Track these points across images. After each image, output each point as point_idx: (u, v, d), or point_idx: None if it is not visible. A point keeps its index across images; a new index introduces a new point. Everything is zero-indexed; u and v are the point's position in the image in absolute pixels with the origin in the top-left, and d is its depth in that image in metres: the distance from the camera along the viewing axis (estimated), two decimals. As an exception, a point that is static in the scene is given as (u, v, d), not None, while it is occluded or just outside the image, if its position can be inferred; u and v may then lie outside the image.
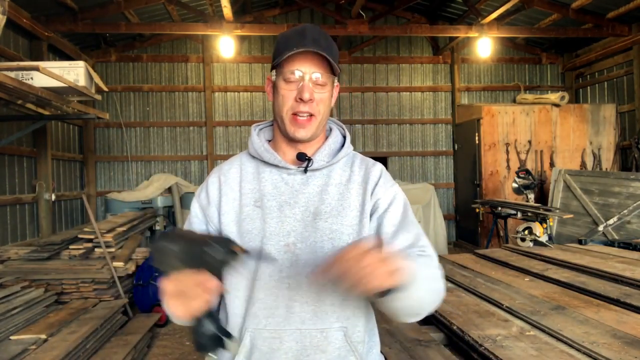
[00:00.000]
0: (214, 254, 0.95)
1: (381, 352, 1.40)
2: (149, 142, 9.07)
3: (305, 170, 1.24)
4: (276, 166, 1.25)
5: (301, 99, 1.18)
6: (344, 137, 1.37)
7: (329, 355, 1.17)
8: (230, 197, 1.24)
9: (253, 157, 1.30)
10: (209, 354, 1.03)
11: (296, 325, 1.16)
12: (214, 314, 1.01)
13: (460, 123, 9.37)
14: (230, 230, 1.20)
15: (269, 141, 1.33)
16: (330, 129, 1.36)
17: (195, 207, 1.29)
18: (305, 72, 1.18)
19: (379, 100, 9.66)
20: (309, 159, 1.24)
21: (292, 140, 1.24)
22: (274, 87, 1.24)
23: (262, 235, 1.18)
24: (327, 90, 1.22)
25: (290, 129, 1.21)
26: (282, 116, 1.22)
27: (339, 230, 1.20)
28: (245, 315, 1.18)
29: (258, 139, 1.30)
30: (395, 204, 1.27)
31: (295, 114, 1.20)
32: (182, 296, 0.94)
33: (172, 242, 0.96)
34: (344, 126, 1.41)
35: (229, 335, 1.02)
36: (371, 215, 1.24)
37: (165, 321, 5.13)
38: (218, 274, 0.96)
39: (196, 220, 1.27)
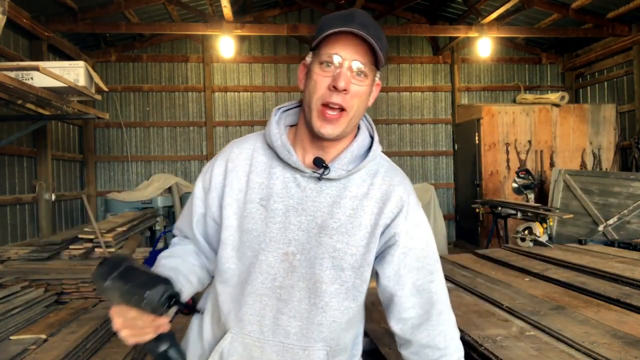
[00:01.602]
0: (150, 300, 0.92)
1: (381, 352, 1.37)
2: (149, 142, 9.07)
3: (320, 179, 1.10)
4: (288, 165, 1.11)
5: (335, 87, 1.03)
6: (372, 139, 1.18)
7: None
8: (235, 188, 1.13)
9: (267, 145, 1.16)
10: None
11: (280, 338, 1.09)
12: (170, 339, 0.99)
13: (460, 123, 9.37)
14: (230, 224, 1.12)
15: (291, 126, 1.18)
16: (358, 128, 1.18)
17: (199, 187, 1.21)
18: (345, 57, 1.03)
19: (379, 100, 9.66)
20: (326, 167, 1.09)
21: (316, 136, 1.09)
22: (308, 71, 1.09)
23: (261, 240, 1.09)
24: (366, 83, 1.07)
25: (316, 123, 1.06)
26: (311, 105, 1.06)
27: (343, 250, 1.09)
28: (229, 315, 1.11)
29: (277, 128, 1.14)
30: (416, 241, 1.15)
31: (325, 105, 1.04)
32: (129, 328, 0.93)
33: (109, 279, 0.93)
34: (374, 126, 1.21)
35: (183, 356, 1.00)
36: (385, 248, 1.14)
37: (165, 321, 5.12)
38: (159, 314, 0.94)
39: (198, 203, 1.20)
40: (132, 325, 0.93)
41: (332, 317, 1.10)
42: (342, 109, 1.05)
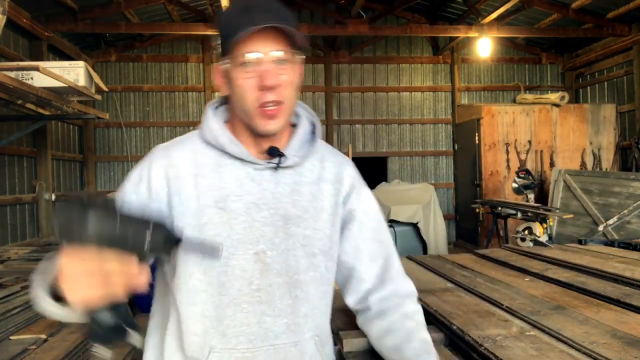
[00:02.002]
0: (140, 238, 0.77)
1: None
2: (149, 142, 9.06)
3: (277, 167, 1.06)
4: (241, 160, 1.05)
5: (264, 87, 0.98)
6: (313, 125, 1.16)
7: None
8: (184, 196, 1.02)
9: (208, 144, 1.08)
10: (101, 347, 0.81)
11: (270, 341, 1.04)
12: (120, 305, 0.81)
13: (460, 123, 9.37)
14: (187, 236, 0.99)
15: (226, 122, 1.12)
16: (297, 116, 1.14)
17: (130, 199, 1.03)
18: (263, 52, 0.98)
19: (379, 100, 9.66)
20: (281, 155, 1.06)
21: (259, 135, 1.05)
22: (228, 76, 1.03)
23: (228, 245, 1.01)
24: (292, 69, 1.02)
25: (259, 123, 1.01)
26: (247, 110, 1.01)
27: (312, 236, 1.09)
28: (207, 334, 1.03)
29: (218, 124, 1.08)
30: (370, 215, 1.21)
31: (262, 106, 1.00)
32: (90, 278, 0.73)
33: (96, 211, 0.74)
34: (311, 111, 1.18)
35: (135, 326, 0.84)
36: (344, 224, 1.16)
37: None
38: (146, 263, 0.80)
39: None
40: (101, 270, 0.74)
41: (313, 305, 1.10)
42: (278, 102, 1.01)
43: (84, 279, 0.74)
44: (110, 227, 0.75)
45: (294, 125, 1.14)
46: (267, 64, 0.99)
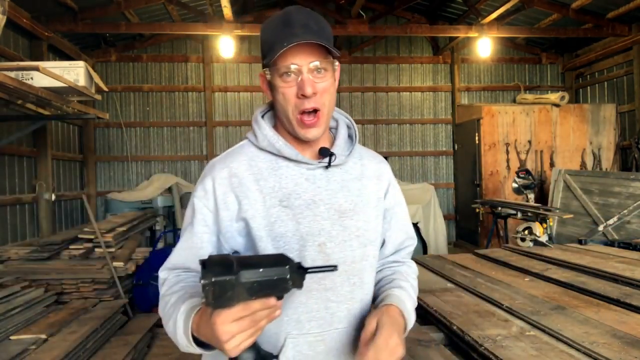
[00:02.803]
0: (284, 277, 0.87)
1: None
2: (149, 142, 9.07)
3: (328, 166, 1.17)
4: (295, 161, 1.16)
5: (303, 95, 1.09)
6: (349, 127, 1.30)
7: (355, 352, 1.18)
8: (251, 199, 1.13)
9: (261, 149, 1.19)
10: None
11: (335, 325, 1.15)
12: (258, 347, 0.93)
13: (460, 123, 9.37)
14: (260, 235, 1.11)
15: (273, 127, 1.24)
16: (335, 119, 1.28)
17: (200, 214, 1.15)
18: (302, 64, 1.09)
19: (379, 100, 9.67)
20: (332, 154, 1.17)
21: (301, 140, 1.18)
22: (271, 85, 1.16)
23: (299, 237, 1.12)
24: (328, 77, 1.13)
25: (300, 132, 1.14)
26: (289, 117, 1.13)
27: (364, 228, 1.20)
28: (283, 322, 1.11)
29: (272, 131, 1.18)
30: (402, 208, 1.34)
31: (302, 114, 1.12)
32: (244, 332, 0.87)
33: (237, 273, 0.84)
34: (347, 115, 1.32)
35: (271, 356, 0.95)
36: (383, 216, 1.29)
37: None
38: (281, 295, 0.90)
39: (204, 229, 1.15)
40: (252, 320, 0.87)
41: (366, 291, 1.22)
42: (316, 110, 1.12)
43: (240, 334, 0.86)
44: (258, 279, 0.85)
45: (331, 128, 1.27)
46: (306, 74, 1.09)
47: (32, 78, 4.37)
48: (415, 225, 7.96)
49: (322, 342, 1.13)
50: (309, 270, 0.94)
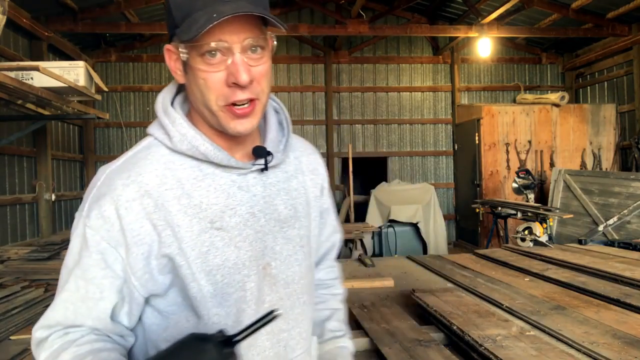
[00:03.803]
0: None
1: (381, 352, 1.35)
2: (149, 142, 9.06)
3: (266, 169, 0.93)
4: (224, 166, 0.89)
5: (236, 84, 0.82)
6: (277, 112, 1.03)
7: None
8: (174, 227, 0.84)
9: (176, 152, 0.89)
10: None
11: (289, 356, 0.97)
12: None
13: (460, 123, 9.37)
14: (190, 273, 0.85)
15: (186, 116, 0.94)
16: None
17: (100, 251, 0.84)
18: (232, 41, 0.81)
19: (379, 100, 9.67)
20: (269, 153, 0.93)
21: (226, 135, 0.90)
22: (187, 67, 0.86)
23: (240, 267, 0.88)
24: (266, 57, 0.86)
25: (228, 124, 0.86)
26: (210, 108, 0.85)
27: (307, 235, 1.01)
28: None
29: (192, 129, 0.88)
30: (331, 203, 1.14)
31: (231, 105, 0.84)
32: None
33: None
34: (275, 98, 1.02)
35: None
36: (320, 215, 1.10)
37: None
38: None
39: (105, 274, 0.84)
40: None
41: (313, 305, 1.06)
42: (251, 99, 0.85)
43: None
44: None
45: None
46: (239, 55, 0.82)
47: (32, 78, 4.37)
48: (415, 225, 7.96)
49: None
50: (237, 339, 0.78)
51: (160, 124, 0.91)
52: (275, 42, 0.89)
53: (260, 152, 0.92)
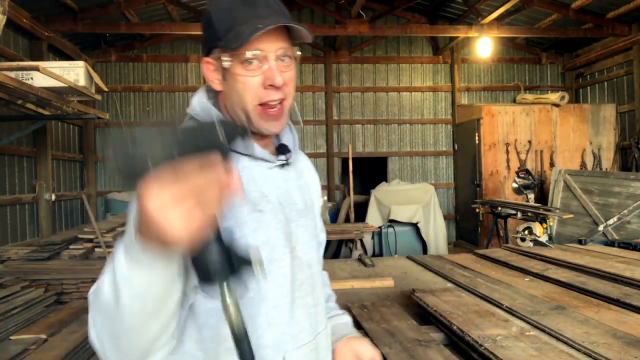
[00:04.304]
0: (226, 129, 0.66)
1: (381, 352, 1.38)
2: (149, 142, 9.06)
3: (286, 164, 1.07)
4: (259, 159, 1.03)
5: (271, 86, 0.96)
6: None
7: (331, 348, 1.17)
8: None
9: None
10: (220, 287, 0.72)
11: (318, 329, 1.09)
12: (221, 234, 0.72)
13: (460, 123, 9.37)
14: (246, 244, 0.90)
15: None
16: None
17: None
18: (268, 50, 0.95)
19: (379, 100, 9.67)
20: (289, 151, 1.08)
21: (258, 135, 1.03)
22: (227, 73, 0.98)
23: (278, 244, 1.00)
24: (293, 66, 1.01)
25: (260, 124, 0.99)
26: (246, 109, 0.98)
27: (318, 226, 1.15)
28: (279, 341, 1.00)
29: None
30: (320, 197, 1.27)
31: (264, 105, 0.98)
32: (182, 203, 0.62)
33: (152, 131, 0.63)
34: None
35: (245, 262, 0.74)
36: None
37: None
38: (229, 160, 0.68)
39: None
40: (191, 188, 0.62)
41: (323, 290, 1.18)
42: (281, 100, 1.00)
43: (176, 206, 0.61)
44: (174, 137, 0.63)
45: None
46: (273, 62, 0.96)
47: (32, 78, 4.37)
48: (415, 225, 7.97)
49: (314, 350, 1.07)
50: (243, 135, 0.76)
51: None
52: (299, 53, 1.03)
53: (284, 149, 1.08)
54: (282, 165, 1.07)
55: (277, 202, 1.02)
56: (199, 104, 1.03)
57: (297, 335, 1.03)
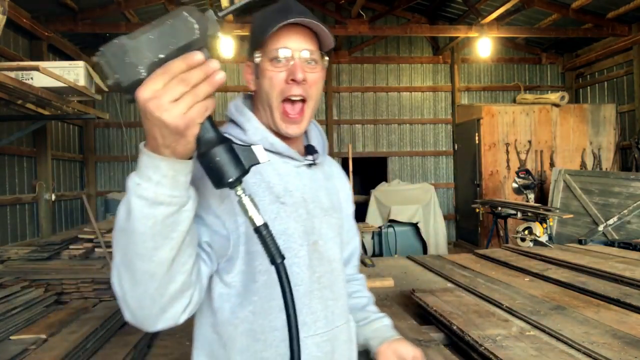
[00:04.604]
0: (184, 18, 0.68)
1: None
2: (149, 142, 9.06)
3: (313, 164, 1.15)
4: (286, 157, 1.11)
5: (293, 80, 1.03)
6: (315, 127, 1.28)
7: (354, 344, 1.22)
8: (250, 193, 1.04)
9: (253, 143, 1.10)
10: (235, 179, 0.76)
11: (336, 323, 1.14)
12: (223, 136, 0.77)
13: (460, 123, 9.37)
14: None
15: None
16: None
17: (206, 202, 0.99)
18: (294, 48, 1.04)
19: (379, 100, 9.67)
20: (316, 152, 1.17)
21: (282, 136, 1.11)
22: (258, 70, 1.07)
23: (296, 237, 1.07)
24: (318, 70, 1.08)
25: (281, 125, 1.07)
26: (271, 103, 1.06)
27: (341, 225, 1.21)
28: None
29: (260, 123, 1.11)
30: (352, 210, 1.35)
31: (286, 101, 1.05)
32: (173, 90, 0.68)
33: (133, 37, 0.68)
34: (314, 120, 1.27)
35: (252, 162, 0.79)
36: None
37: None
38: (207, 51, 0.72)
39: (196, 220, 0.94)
40: (181, 80, 0.68)
41: (346, 288, 1.22)
42: (303, 100, 1.06)
43: (167, 92, 0.67)
44: (151, 30, 0.68)
45: None
46: (297, 60, 1.04)
47: (32, 78, 4.37)
48: (415, 225, 7.97)
49: (328, 341, 1.11)
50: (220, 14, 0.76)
51: (235, 123, 1.13)
52: (327, 59, 1.10)
53: (312, 150, 1.17)
54: (310, 165, 1.15)
55: (301, 198, 1.10)
56: (233, 105, 1.14)
57: (311, 324, 1.08)
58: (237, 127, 1.12)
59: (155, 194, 0.74)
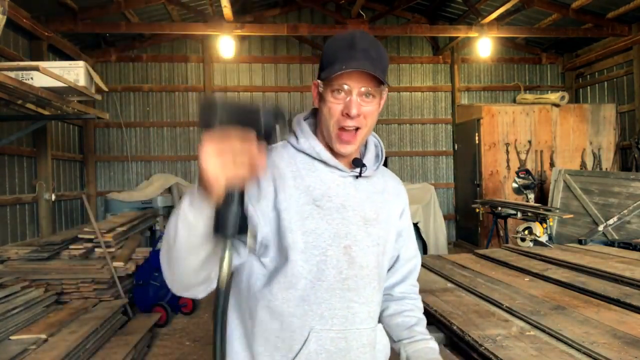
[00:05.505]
0: (266, 117, 0.91)
1: None
2: (149, 142, 9.07)
3: (359, 176, 1.26)
4: (331, 166, 1.24)
5: (348, 115, 1.17)
6: (376, 147, 1.38)
7: (377, 352, 1.30)
8: (287, 193, 1.19)
9: (299, 150, 1.26)
10: (228, 239, 0.92)
11: (356, 325, 1.22)
12: (243, 197, 0.94)
13: (460, 123, 9.37)
14: (293, 228, 1.17)
15: None
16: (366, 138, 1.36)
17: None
18: (353, 86, 1.17)
19: (379, 100, 9.66)
20: (364, 165, 1.27)
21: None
22: (321, 96, 1.23)
23: (326, 237, 1.19)
24: (375, 102, 1.20)
25: (335, 145, 1.21)
26: (329, 128, 1.21)
27: (384, 237, 1.29)
28: (307, 316, 1.18)
29: (312, 134, 1.26)
30: (411, 232, 1.44)
31: (341, 130, 1.19)
32: (224, 155, 0.87)
33: (224, 100, 0.92)
34: (377, 136, 1.40)
35: (245, 226, 0.96)
36: (396, 235, 1.37)
37: (165, 321, 5.12)
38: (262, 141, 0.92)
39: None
40: (230, 150, 0.87)
41: (380, 297, 1.31)
42: (357, 128, 1.19)
43: (218, 156, 0.86)
44: (232, 110, 0.91)
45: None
46: (355, 96, 1.16)
47: (32, 78, 4.37)
48: (415, 225, 7.96)
49: (343, 339, 1.20)
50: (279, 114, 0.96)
51: (293, 132, 1.29)
52: (386, 94, 1.24)
53: (358, 163, 1.26)
54: (357, 177, 1.26)
55: (340, 205, 1.22)
56: (296, 117, 1.31)
57: (328, 319, 1.18)
58: (294, 136, 1.28)
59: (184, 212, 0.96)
